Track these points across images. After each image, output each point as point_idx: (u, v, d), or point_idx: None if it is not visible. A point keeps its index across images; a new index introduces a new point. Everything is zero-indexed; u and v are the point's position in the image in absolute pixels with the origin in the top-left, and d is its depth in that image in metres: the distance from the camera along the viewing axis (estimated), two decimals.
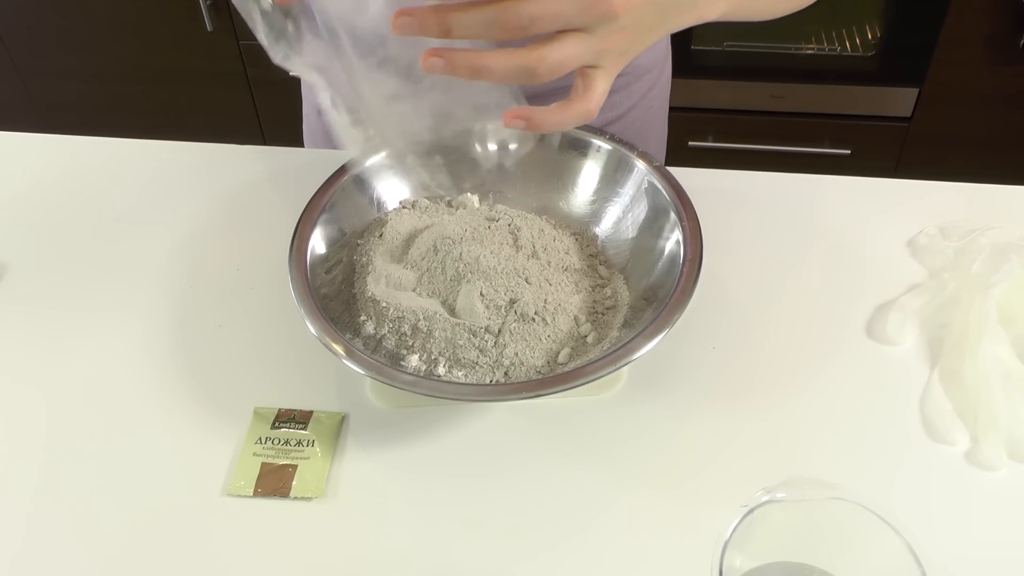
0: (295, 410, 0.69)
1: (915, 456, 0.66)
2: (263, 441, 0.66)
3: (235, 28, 1.91)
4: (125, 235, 0.85)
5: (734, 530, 0.46)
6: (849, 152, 1.94)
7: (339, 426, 0.68)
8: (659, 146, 1.03)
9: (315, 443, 0.66)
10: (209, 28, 1.90)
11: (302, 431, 0.67)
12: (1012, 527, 0.62)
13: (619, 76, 0.86)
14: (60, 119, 2.20)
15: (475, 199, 0.80)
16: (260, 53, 0.60)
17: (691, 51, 1.86)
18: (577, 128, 0.79)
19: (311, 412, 0.69)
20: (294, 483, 0.64)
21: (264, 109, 2.08)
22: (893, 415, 0.68)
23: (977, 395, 0.67)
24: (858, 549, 0.49)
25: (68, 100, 2.16)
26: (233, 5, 0.61)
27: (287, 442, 0.66)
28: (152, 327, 0.76)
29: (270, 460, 0.65)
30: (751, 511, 0.47)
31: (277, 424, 0.68)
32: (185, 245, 0.83)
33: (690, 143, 1.96)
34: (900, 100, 1.89)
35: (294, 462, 0.65)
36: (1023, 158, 1.93)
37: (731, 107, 1.93)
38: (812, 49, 1.87)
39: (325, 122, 0.98)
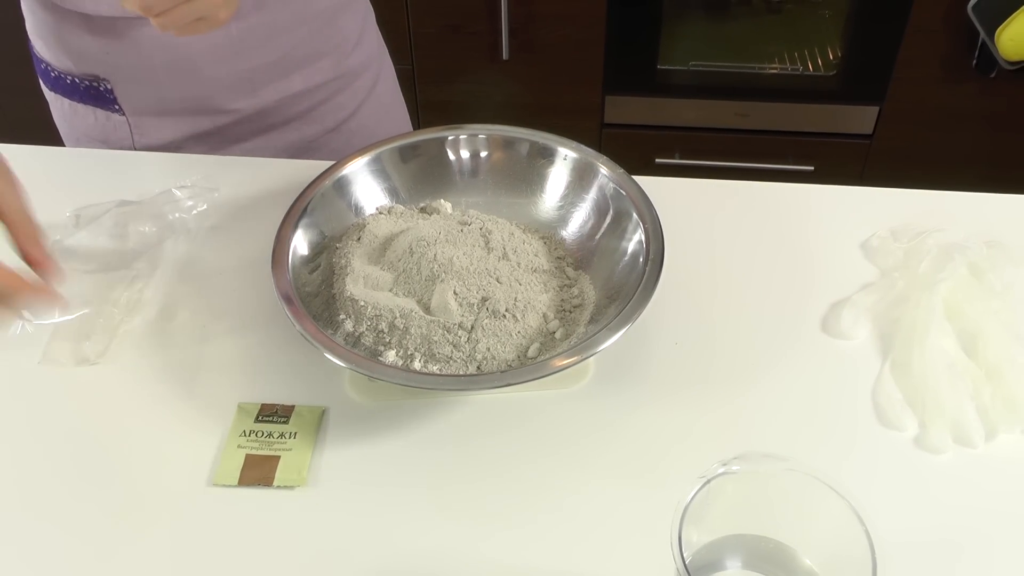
0: (278, 405, 0.71)
1: (867, 441, 0.69)
2: (247, 434, 0.69)
3: None
4: (112, 237, 0.87)
5: (692, 498, 0.50)
6: (812, 168, 1.99)
7: (320, 419, 0.71)
8: (404, 127, 1.17)
9: (297, 435, 0.69)
10: None
11: (284, 424, 0.70)
12: (957, 506, 0.65)
13: (335, 79, 1.00)
14: (36, 136, 2.20)
15: (448, 205, 0.84)
16: None
17: (657, 70, 1.91)
18: (545, 137, 0.83)
19: (293, 406, 0.71)
20: (277, 473, 0.67)
21: None
22: (847, 403, 0.72)
23: (925, 384, 0.71)
24: (808, 516, 0.52)
25: (45, 119, 2.17)
26: None
27: (270, 435, 0.69)
28: (140, 327, 0.78)
29: (254, 452, 0.68)
30: (708, 481, 0.50)
31: (260, 418, 0.70)
32: (171, 247, 0.86)
33: (657, 160, 2.00)
34: (861, 118, 1.94)
35: (277, 453, 0.68)
36: (982, 171, 1.99)
37: (697, 125, 1.98)
38: (776, 68, 1.92)
39: None
